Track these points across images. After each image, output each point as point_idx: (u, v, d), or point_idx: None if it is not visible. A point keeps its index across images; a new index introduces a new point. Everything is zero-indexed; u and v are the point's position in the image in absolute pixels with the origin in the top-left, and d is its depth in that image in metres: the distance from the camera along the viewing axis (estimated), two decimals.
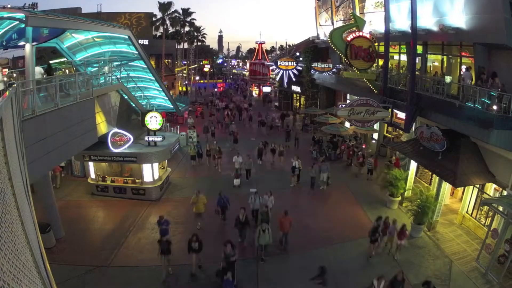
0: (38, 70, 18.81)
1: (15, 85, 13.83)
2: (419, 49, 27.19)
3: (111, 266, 19.25)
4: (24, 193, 7.75)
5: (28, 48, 17.80)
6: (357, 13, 35.36)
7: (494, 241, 18.57)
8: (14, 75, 22.39)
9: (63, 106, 17.40)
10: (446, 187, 23.44)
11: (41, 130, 15.51)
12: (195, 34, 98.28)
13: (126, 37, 25.78)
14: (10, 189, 5.76)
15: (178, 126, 43.96)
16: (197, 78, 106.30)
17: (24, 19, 16.00)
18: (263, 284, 18.14)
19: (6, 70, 21.35)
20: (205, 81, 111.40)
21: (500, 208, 18.15)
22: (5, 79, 18.41)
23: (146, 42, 61.84)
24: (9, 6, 17.98)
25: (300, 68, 55.08)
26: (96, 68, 25.18)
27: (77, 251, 20.34)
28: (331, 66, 44.28)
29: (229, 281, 16.64)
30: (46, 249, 9.15)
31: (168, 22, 70.89)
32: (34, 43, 18.34)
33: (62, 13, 27.91)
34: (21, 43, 18.69)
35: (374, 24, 32.39)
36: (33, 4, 26.68)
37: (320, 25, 51.93)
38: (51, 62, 26.45)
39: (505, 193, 19.86)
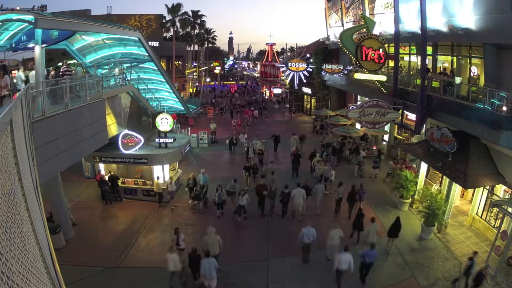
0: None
1: (24, 87, 13.91)
2: (429, 50, 27.14)
3: (121, 267, 19.31)
4: (34, 194, 7.79)
5: (37, 50, 17.89)
6: (367, 14, 35.34)
7: (504, 243, 18.46)
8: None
9: (73, 107, 17.51)
10: (456, 188, 23.36)
11: (51, 132, 15.64)
12: (206, 36, 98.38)
13: (136, 39, 25.87)
14: (20, 190, 5.79)
15: (189, 128, 44.13)
16: (208, 80, 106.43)
17: (33, 21, 16.10)
18: (272, 285, 18.12)
19: (16, 72, 21.42)
20: (217, 82, 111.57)
21: (510, 210, 17.98)
22: (15, 80, 18.48)
23: (156, 44, 61.99)
24: (18, 8, 18.08)
25: (311, 70, 54.96)
26: (107, 70, 25.29)
27: (86, 252, 20.41)
28: (341, 67, 44.20)
29: None
30: (55, 250, 9.18)
31: (178, 24, 70.89)
32: (44, 45, 18.42)
33: (71, 15, 27.98)
34: (31, 45, 18.77)
35: (384, 25, 32.36)
36: (42, 6, 26.77)
37: (330, 27, 51.93)
38: (60, 64, 26.61)
39: None
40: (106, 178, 27.14)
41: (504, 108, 17.92)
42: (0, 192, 4.02)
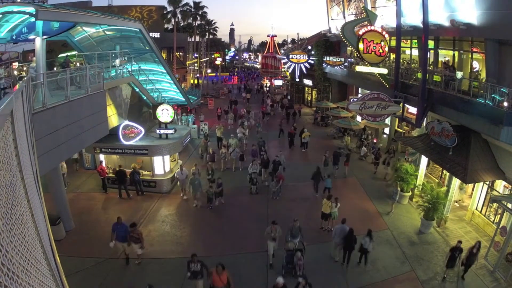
0: None
1: (25, 78, 13.91)
2: (431, 44, 27.10)
3: (120, 258, 19.34)
4: (35, 186, 7.81)
5: (38, 42, 17.87)
6: (369, 7, 35.24)
7: (503, 238, 18.53)
8: (25, 68, 22.49)
9: (74, 99, 17.51)
10: (456, 183, 23.39)
11: (52, 123, 15.65)
12: (207, 27, 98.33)
13: (137, 30, 25.82)
14: (20, 181, 5.80)
15: (190, 119, 44.09)
16: (209, 71, 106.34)
17: (34, 13, 16.04)
18: (272, 277, 18.17)
19: (16, 63, 21.40)
20: (218, 74, 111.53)
21: (509, 206, 18.08)
22: (16, 72, 18.48)
23: (157, 35, 61.94)
24: (19, 0, 18.05)
25: (312, 62, 55.00)
26: (107, 61, 25.25)
27: (87, 243, 20.46)
28: (342, 60, 44.19)
29: None
30: (56, 241, 9.21)
31: (179, 15, 70.71)
32: (45, 37, 18.40)
33: (72, 6, 27.96)
34: (31, 36, 18.73)
35: (385, 18, 32.28)
36: None
37: (332, 19, 51.85)
38: (61, 55, 26.58)
39: None
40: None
41: (505, 104, 17.90)
42: (1, 184, 4.03)
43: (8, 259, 3.46)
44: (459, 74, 22.35)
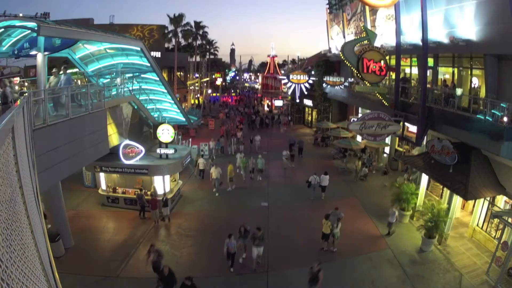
0: None
1: (26, 94, 13.92)
2: (430, 61, 27.19)
3: (120, 277, 19.24)
4: (35, 202, 7.78)
5: (39, 58, 17.91)
6: (369, 26, 35.47)
7: (504, 254, 18.42)
8: (26, 84, 22.54)
9: (75, 116, 17.53)
10: (457, 200, 23.34)
11: (52, 140, 15.66)
12: (208, 47, 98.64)
13: (139, 49, 25.92)
14: (20, 197, 5.79)
15: (190, 139, 44.03)
16: (209, 91, 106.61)
17: (36, 28, 16.13)
18: None
19: (18, 79, 21.41)
20: (218, 94, 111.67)
21: (510, 221, 18.02)
22: (17, 88, 18.48)
23: (158, 54, 62.11)
24: (21, 15, 18.12)
25: (312, 82, 55.14)
26: (108, 80, 25.32)
27: (86, 261, 20.37)
28: (342, 79, 44.32)
29: None
30: (55, 258, 9.16)
31: (180, 34, 70.78)
32: (46, 53, 18.45)
33: (74, 23, 28.15)
34: (33, 52, 18.79)
35: (385, 37, 32.45)
36: (45, 13, 26.76)
37: (332, 39, 52.08)
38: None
39: None
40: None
41: (505, 119, 17.96)
42: (1, 199, 4.02)
43: (8, 274, 3.44)
44: (458, 91, 22.42)
